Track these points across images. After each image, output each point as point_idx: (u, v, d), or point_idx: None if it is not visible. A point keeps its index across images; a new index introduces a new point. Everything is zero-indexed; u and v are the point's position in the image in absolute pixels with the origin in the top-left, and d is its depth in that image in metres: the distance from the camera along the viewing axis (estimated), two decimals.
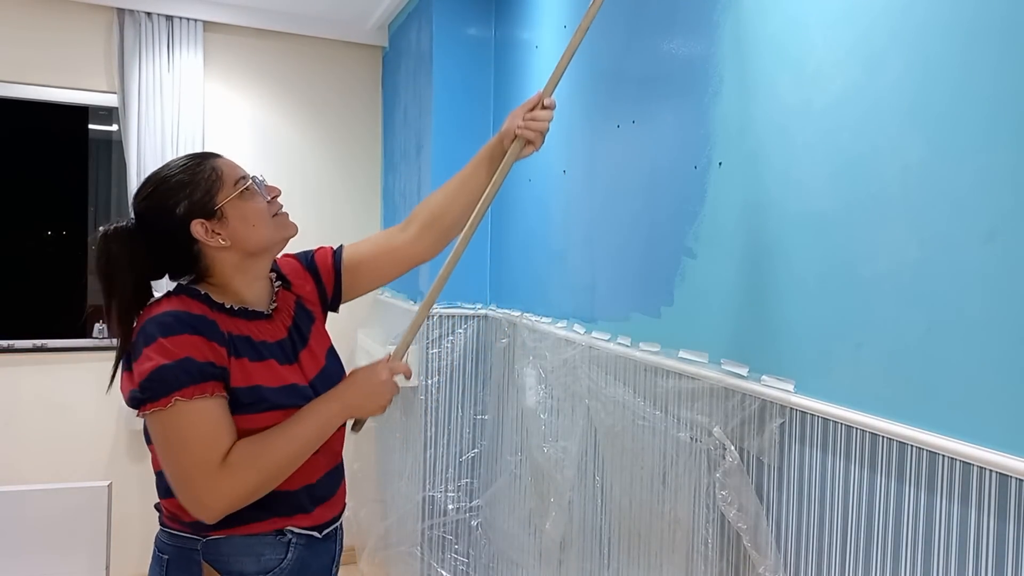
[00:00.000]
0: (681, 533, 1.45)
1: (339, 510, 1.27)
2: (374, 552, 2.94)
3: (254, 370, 1.13)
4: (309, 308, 1.32)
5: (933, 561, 0.95)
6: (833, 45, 1.12)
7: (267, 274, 1.25)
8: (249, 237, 1.16)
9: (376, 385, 1.22)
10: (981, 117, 0.90)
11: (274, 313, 1.24)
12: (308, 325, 1.29)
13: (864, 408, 1.06)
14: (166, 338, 1.05)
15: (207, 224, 1.13)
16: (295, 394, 1.17)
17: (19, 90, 2.83)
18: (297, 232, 1.24)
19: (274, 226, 1.20)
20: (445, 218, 1.42)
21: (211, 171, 1.15)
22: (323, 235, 3.19)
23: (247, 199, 1.16)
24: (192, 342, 1.06)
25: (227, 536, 1.12)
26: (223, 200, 1.14)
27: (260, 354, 1.15)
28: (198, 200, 1.13)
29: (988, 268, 0.89)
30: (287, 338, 1.23)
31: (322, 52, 3.19)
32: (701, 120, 1.43)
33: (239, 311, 1.17)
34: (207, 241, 1.13)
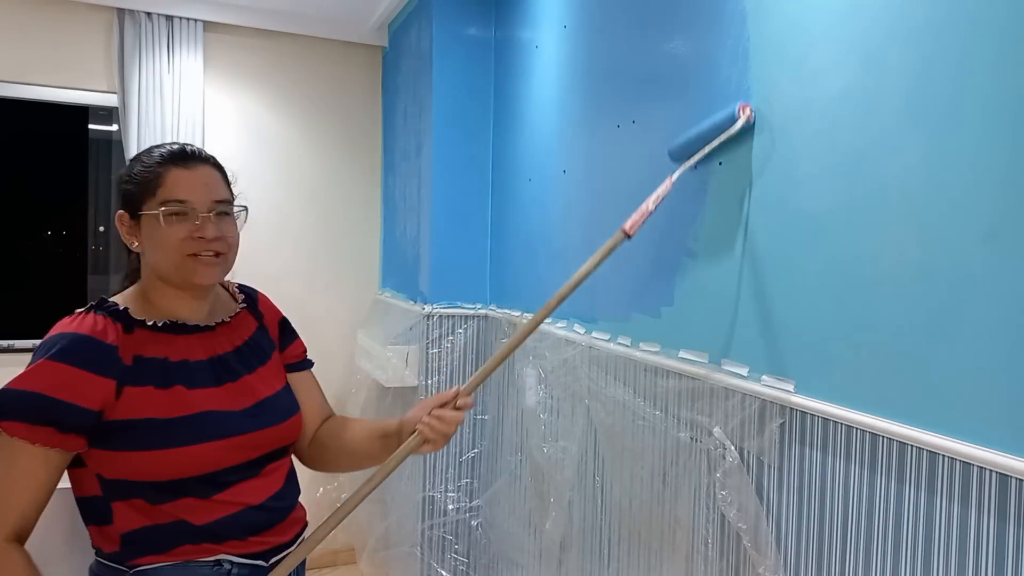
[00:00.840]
0: (681, 533, 1.45)
1: (292, 535, 1.16)
2: (374, 552, 2.94)
3: (155, 399, 1.03)
4: (271, 337, 1.25)
5: (933, 561, 0.95)
6: (833, 45, 1.12)
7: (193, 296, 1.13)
8: (151, 255, 1.09)
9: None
10: (981, 116, 0.90)
11: (220, 327, 1.15)
12: (268, 350, 1.22)
13: (864, 408, 1.06)
14: (47, 361, 0.98)
15: (126, 220, 1.10)
16: (204, 424, 1.06)
17: (19, 90, 2.83)
18: (209, 283, 1.11)
19: (178, 265, 1.07)
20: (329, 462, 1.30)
21: (156, 176, 1.07)
22: (323, 235, 3.22)
23: (165, 224, 1.06)
24: (63, 379, 0.97)
25: (156, 566, 1.04)
26: (144, 210, 1.08)
27: (167, 380, 1.05)
28: (129, 194, 1.09)
29: (988, 268, 0.89)
30: (233, 353, 1.14)
31: (322, 52, 3.19)
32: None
33: (163, 326, 1.09)
34: (123, 235, 1.10)
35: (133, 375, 1.03)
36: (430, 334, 2.47)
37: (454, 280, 2.51)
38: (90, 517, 1.08)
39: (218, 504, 1.07)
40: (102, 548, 1.07)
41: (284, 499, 1.17)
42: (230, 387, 1.11)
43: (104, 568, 1.07)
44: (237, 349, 1.16)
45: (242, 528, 1.09)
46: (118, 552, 1.05)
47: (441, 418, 1.17)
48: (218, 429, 1.07)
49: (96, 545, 1.09)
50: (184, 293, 1.13)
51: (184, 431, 1.04)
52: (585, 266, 1.26)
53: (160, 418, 1.03)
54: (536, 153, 2.19)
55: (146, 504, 1.04)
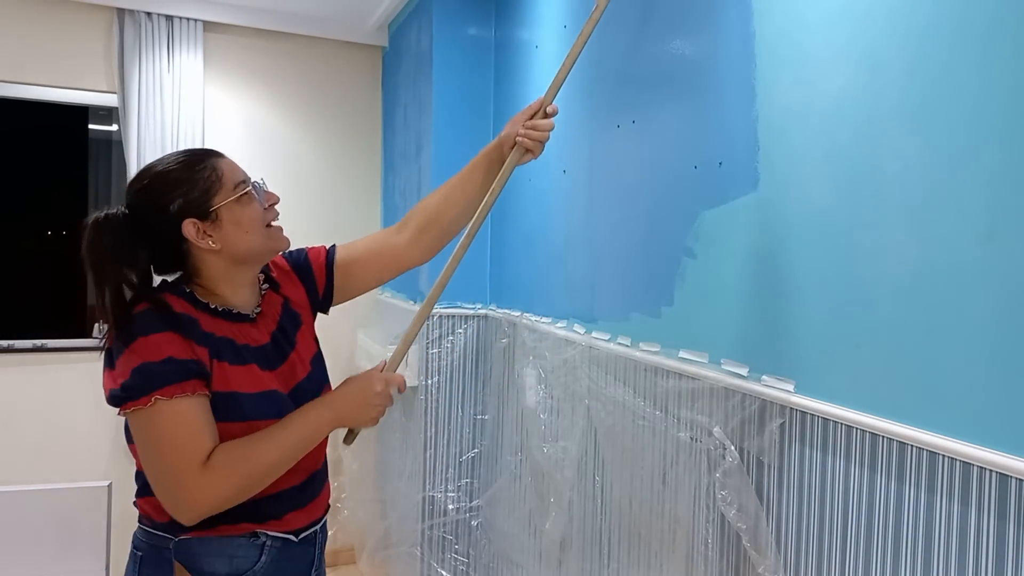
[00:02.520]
0: (681, 533, 1.45)
1: (319, 515, 1.24)
2: (374, 552, 2.94)
3: (234, 375, 1.10)
4: (296, 311, 1.29)
5: (933, 561, 0.95)
6: (833, 45, 1.12)
7: (254, 280, 1.22)
8: (239, 243, 1.13)
9: (369, 396, 1.17)
10: (981, 117, 0.90)
11: (259, 317, 1.20)
12: (294, 330, 1.26)
13: (864, 408, 1.06)
14: (147, 336, 1.03)
15: (199, 225, 1.10)
16: (273, 402, 1.13)
17: (19, 90, 2.83)
18: (289, 246, 1.23)
19: (266, 236, 1.17)
20: (441, 222, 1.39)
21: (211, 171, 1.12)
22: (323, 235, 3.19)
23: (244, 204, 1.14)
24: (172, 340, 1.04)
25: (199, 537, 1.10)
26: (220, 203, 1.11)
27: (242, 358, 1.12)
28: (194, 199, 1.10)
29: (988, 268, 0.89)
30: (270, 343, 1.19)
31: (322, 52, 3.19)
32: (701, 120, 1.43)
33: (223, 312, 1.15)
34: (197, 242, 1.11)
35: (216, 348, 1.09)
36: (430, 334, 2.47)
37: (454, 280, 2.48)
38: (142, 489, 1.13)
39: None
40: (152, 518, 1.12)
41: (318, 480, 1.24)
42: (276, 373, 1.17)
43: (150, 536, 1.13)
44: (273, 337, 1.20)
45: (281, 507, 1.15)
46: (168, 524, 1.09)
47: (535, 127, 1.30)
48: (283, 408, 1.14)
49: (146, 514, 1.14)
50: (251, 276, 1.20)
51: (261, 407, 1.11)
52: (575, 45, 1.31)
53: (245, 392, 1.10)
54: None
55: None
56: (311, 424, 1.12)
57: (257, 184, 1.18)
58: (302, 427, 1.11)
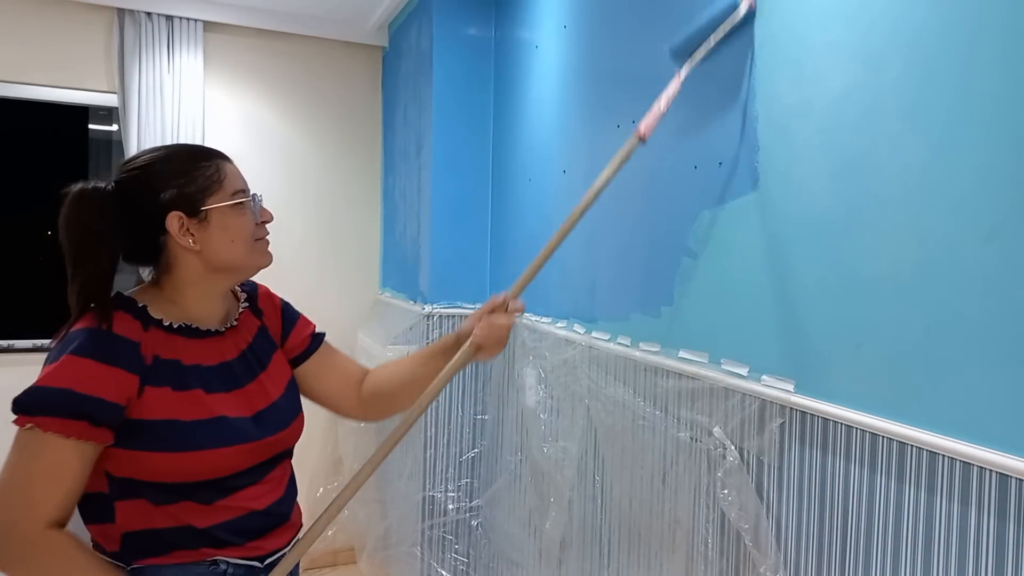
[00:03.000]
0: (681, 533, 1.45)
1: (287, 539, 1.16)
2: (374, 552, 2.94)
3: (172, 401, 1.03)
4: (273, 338, 1.24)
5: (933, 561, 0.95)
6: (833, 45, 1.12)
7: (223, 294, 1.17)
8: (222, 251, 1.09)
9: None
10: (981, 117, 0.90)
11: (228, 332, 1.15)
12: (268, 351, 1.21)
13: (864, 408, 1.06)
14: (71, 356, 0.97)
15: (185, 220, 1.06)
16: (222, 428, 1.06)
17: (19, 90, 2.83)
18: (270, 264, 1.17)
19: (251, 250, 1.13)
20: (390, 405, 1.33)
21: (215, 171, 1.10)
22: (323, 235, 3.21)
23: (238, 213, 1.11)
24: (92, 372, 0.97)
25: (154, 565, 1.04)
26: (213, 204, 1.08)
27: (185, 382, 1.05)
28: (188, 194, 1.06)
29: (988, 268, 0.89)
30: (238, 359, 1.14)
31: (322, 52, 3.19)
32: (701, 120, 1.43)
33: (178, 329, 1.09)
34: (177, 238, 1.06)
35: (153, 374, 1.03)
36: (430, 334, 2.47)
37: (454, 280, 2.52)
38: (91, 515, 1.06)
39: (221, 509, 1.07)
40: (103, 546, 1.07)
41: (285, 504, 1.17)
42: (237, 394, 1.11)
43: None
44: (242, 354, 1.15)
45: (243, 533, 1.09)
46: (118, 552, 1.04)
47: (493, 324, 1.21)
48: (233, 435, 1.07)
49: (96, 541, 1.08)
50: (222, 288, 1.15)
51: (203, 435, 1.04)
52: (604, 173, 1.23)
53: (181, 420, 1.03)
54: (536, 153, 2.19)
55: (149, 505, 1.04)
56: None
57: (256, 198, 1.15)
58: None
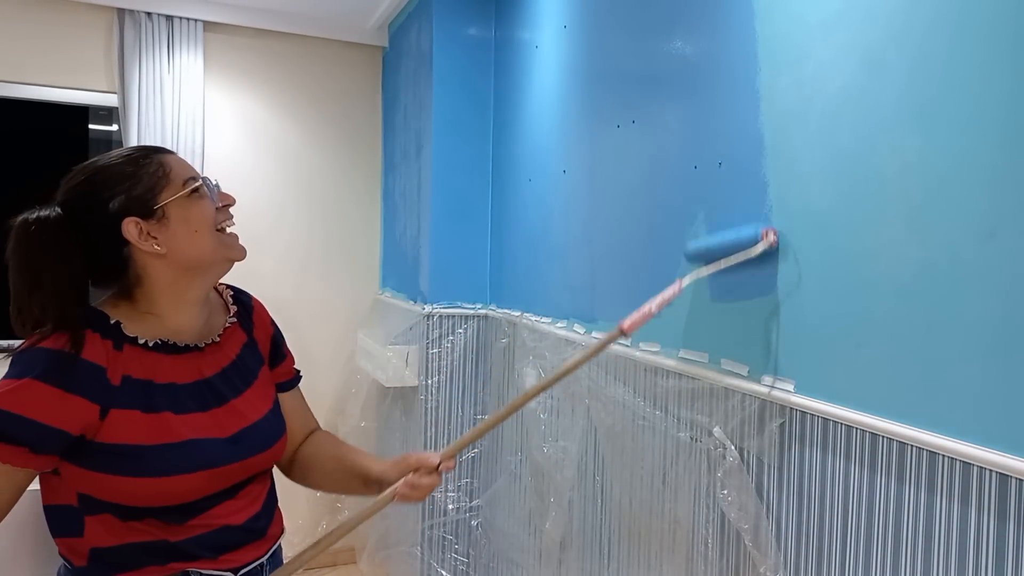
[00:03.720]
0: (681, 533, 1.45)
1: (265, 550, 1.13)
2: (374, 552, 2.94)
3: (141, 424, 0.98)
4: (261, 353, 1.19)
5: (933, 561, 0.95)
6: (833, 45, 1.12)
7: (199, 300, 1.10)
8: (189, 246, 1.02)
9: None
10: (981, 116, 0.90)
11: (208, 348, 1.09)
12: (255, 369, 1.16)
13: (864, 408, 1.06)
14: (29, 380, 0.92)
15: (142, 224, 1.00)
16: (190, 453, 1.01)
17: (19, 90, 2.83)
18: (244, 257, 1.10)
19: (219, 242, 1.06)
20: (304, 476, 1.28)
21: (158, 166, 1.02)
22: (323, 235, 3.22)
23: (194, 201, 1.03)
24: (43, 397, 0.92)
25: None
26: (167, 199, 1.01)
27: (154, 405, 1.00)
28: (137, 196, 1.00)
29: (988, 268, 0.89)
30: (218, 376, 1.08)
31: (322, 52, 3.19)
32: (701, 120, 1.43)
33: (154, 346, 1.03)
34: (139, 244, 1.00)
35: (120, 397, 0.98)
36: (430, 334, 2.47)
37: (454, 280, 2.52)
38: (59, 528, 1.03)
39: (193, 526, 1.03)
40: (71, 560, 1.04)
41: (262, 519, 1.13)
42: (216, 412, 1.06)
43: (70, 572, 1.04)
44: (223, 371, 1.10)
45: (216, 548, 1.05)
46: (85, 567, 1.02)
47: (416, 487, 1.13)
48: (203, 459, 1.02)
49: (64, 555, 1.05)
50: (198, 292, 1.09)
51: (168, 460, 0.99)
52: (577, 357, 1.22)
53: (145, 445, 0.98)
54: (536, 153, 2.19)
55: (117, 521, 1.00)
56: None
57: (209, 182, 1.07)
58: None
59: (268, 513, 1.15)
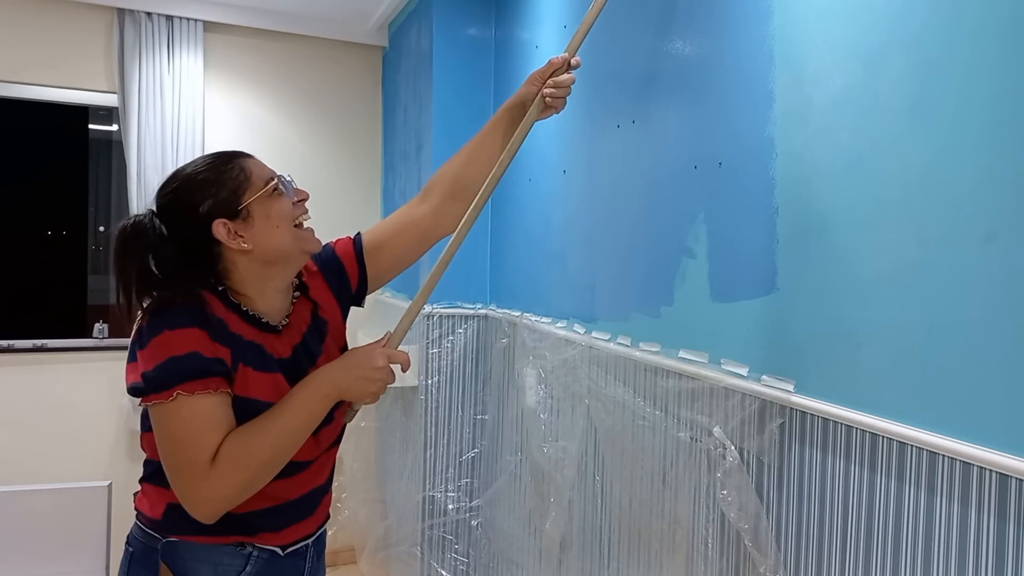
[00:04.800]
0: (681, 533, 1.45)
1: (313, 528, 1.23)
2: (374, 552, 2.94)
3: (257, 381, 1.09)
4: (324, 318, 1.26)
5: (933, 561, 0.95)
6: (833, 45, 1.12)
7: (286, 289, 1.19)
8: (270, 239, 1.11)
9: (371, 370, 1.12)
10: (982, 116, 0.90)
11: (284, 329, 1.18)
12: (319, 342, 1.23)
13: (864, 408, 1.06)
14: (173, 330, 1.02)
15: (230, 225, 1.09)
16: None
17: (19, 90, 2.83)
18: (320, 249, 1.22)
19: (296, 235, 1.15)
20: (467, 185, 1.36)
21: (239, 170, 1.12)
22: (323, 235, 3.19)
23: (274, 199, 1.13)
24: (198, 337, 1.03)
25: (185, 542, 1.10)
26: (249, 199, 1.10)
27: (269, 365, 1.11)
28: (224, 200, 1.09)
29: (988, 268, 0.89)
30: (290, 358, 1.17)
31: (322, 52, 3.19)
32: (701, 120, 1.43)
33: (252, 317, 1.13)
34: (228, 243, 1.09)
35: (241, 352, 1.08)
36: (430, 334, 2.47)
37: (454, 280, 2.51)
38: (150, 476, 1.13)
39: (261, 496, 1.09)
40: (145, 513, 1.13)
41: (317, 494, 1.22)
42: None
43: (142, 533, 1.13)
44: (294, 351, 1.18)
45: (275, 521, 1.14)
46: (159, 521, 1.10)
47: (559, 83, 1.30)
48: None
49: (139, 508, 1.15)
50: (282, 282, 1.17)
51: None
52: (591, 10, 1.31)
53: (266, 401, 1.08)
54: (536, 153, 2.19)
55: None
56: (309, 402, 1.09)
57: (285, 179, 1.17)
58: (301, 406, 1.08)
59: (327, 488, 1.25)
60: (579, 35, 1.32)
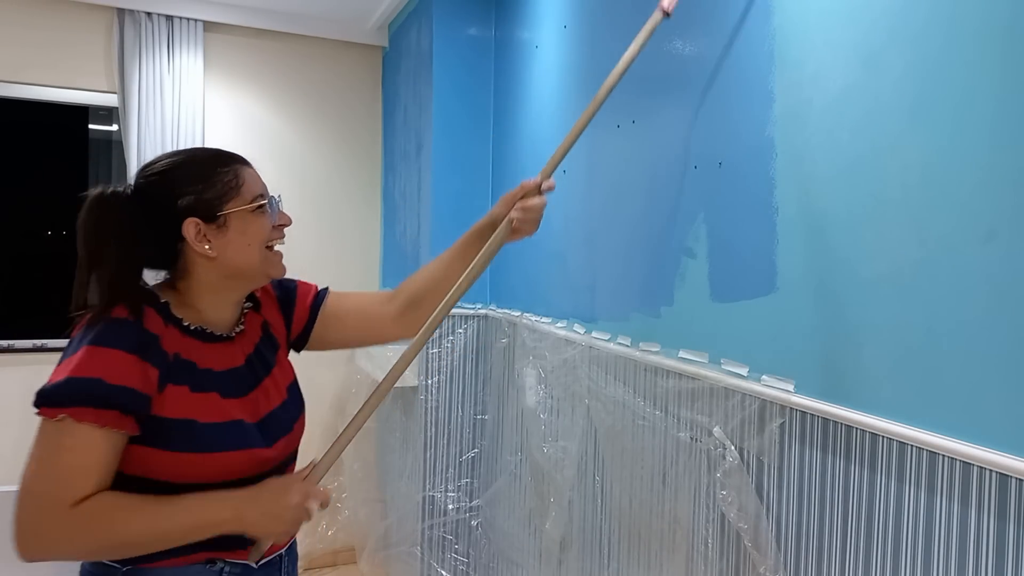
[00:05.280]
0: (681, 533, 1.45)
1: (286, 541, 1.17)
2: (374, 552, 2.94)
3: (192, 401, 1.03)
4: (275, 335, 1.24)
5: (933, 561, 0.95)
6: (833, 45, 1.12)
7: (238, 302, 1.16)
8: (238, 256, 1.08)
9: (282, 508, 1.02)
10: (982, 117, 0.90)
11: (236, 337, 1.14)
12: (272, 353, 1.20)
13: (864, 408, 1.06)
14: (95, 347, 0.96)
15: (202, 226, 1.05)
16: (238, 432, 1.06)
17: (19, 90, 2.83)
18: (283, 275, 1.17)
19: (265, 258, 1.11)
20: (430, 301, 1.31)
21: (233, 176, 1.08)
22: (323, 235, 3.21)
23: (256, 216, 1.09)
24: (119, 362, 0.96)
25: (150, 568, 1.03)
26: (232, 208, 1.07)
27: (202, 385, 1.05)
28: (206, 200, 1.06)
29: (988, 268, 0.89)
30: (244, 366, 1.13)
31: (322, 52, 3.19)
32: (701, 120, 1.43)
33: (194, 331, 1.08)
34: (194, 244, 1.05)
35: (173, 371, 1.03)
36: None
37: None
38: None
39: None
40: None
41: None
42: (243, 401, 1.11)
43: (96, 565, 1.06)
44: (248, 360, 1.15)
45: (240, 540, 1.07)
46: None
47: (528, 208, 1.26)
48: (248, 439, 1.07)
49: None
50: (237, 296, 1.14)
51: (219, 437, 1.04)
52: (629, 51, 1.26)
53: (200, 421, 1.03)
54: (536, 153, 2.19)
55: None
56: (205, 517, 0.99)
57: (275, 200, 1.13)
58: (192, 515, 0.98)
59: None
60: (555, 159, 1.29)
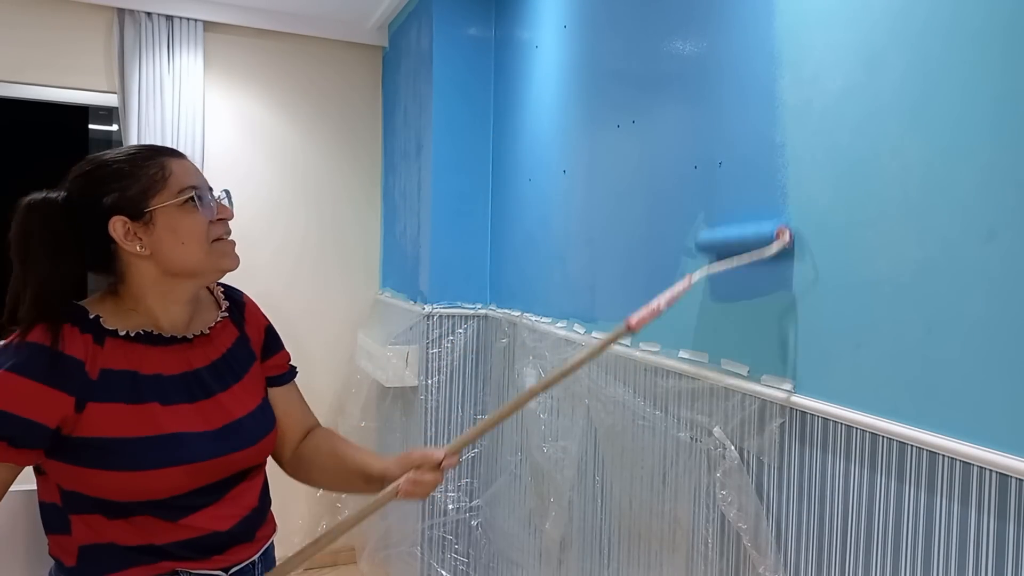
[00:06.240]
0: (681, 533, 1.45)
1: (256, 551, 1.12)
2: (374, 552, 2.94)
3: (124, 417, 0.98)
4: (252, 348, 1.18)
5: (933, 561, 0.95)
6: (834, 45, 1.12)
7: (188, 300, 1.09)
8: (173, 254, 1.02)
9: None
10: (982, 117, 0.90)
11: (197, 339, 1.09)
12: (246, 363, 1.15)
13: (864, 408, 1.06)
14: (4, 372, 0.93)
15: (129, 224, 1.00)
16: (174, 447, 1.00)
17: (19, 90, 2.83)
18: (237, 266, 1.10)
19: (209, 252, 1.05)
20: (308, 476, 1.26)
21: (159, 169, 1.02)
22: (323, 235, 3.22)
23: (186, 212, 1.02)
24: (20, 392, 0.92)
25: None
26: (157, 204, 1.01)
27: (140, 395, 1.00)
28: (130, 196, 1.00)
29: (988, 268, 0.89)
30: (208, 368, 1.08)
31: (322, 52, 3.19)
32: (701, 120, 1.43)
33: (136, 336, 1.03)
34: (123, 244, 1.00)
35: (99, 390, 0.98)
36: (430, 334, 2.47)
37: (454, 280, 2.52)
38: (50, 525, 1.04)
39: (180, 527, 1.03)
40: (61, 560, 1.03)
41: (251, 522, 1.12)
42: (202, 405, 1.06)
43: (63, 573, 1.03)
44: (213, 364, 1.10)
45: (204, 550, 1.05)
46: (76, 567, 1.01)
47: (419, 483, 1.11)
48: (186, 452, 1.02)
49: (54, 555, 1.05)
50: (187, 293, 1.09)
51: (151, 453, 0.99)
52: (583, 354, 1.20)
53: (126, 437, 0.98)
54: (536, 153, 2.19)
55: (104, 520, 1.00)
56: None
57: (207, 195, 1.05)
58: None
59: (259, 516, 1.14)
60: (465, 439, 1.20)
